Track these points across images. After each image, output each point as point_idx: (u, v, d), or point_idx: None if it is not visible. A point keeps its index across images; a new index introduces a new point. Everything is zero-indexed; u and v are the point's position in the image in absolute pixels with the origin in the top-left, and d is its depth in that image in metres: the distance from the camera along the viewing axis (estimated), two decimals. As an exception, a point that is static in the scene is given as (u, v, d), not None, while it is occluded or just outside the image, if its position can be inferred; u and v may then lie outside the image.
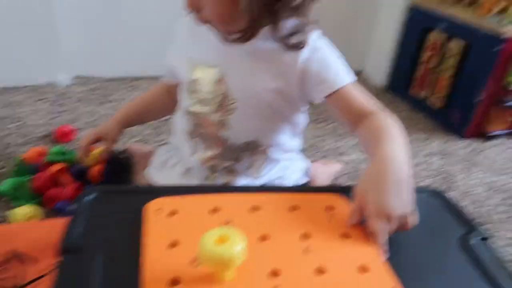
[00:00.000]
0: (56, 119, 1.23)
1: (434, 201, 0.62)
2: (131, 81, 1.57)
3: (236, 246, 0.38)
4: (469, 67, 1.42)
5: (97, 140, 0.88)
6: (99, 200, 0.52)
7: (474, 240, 0.52)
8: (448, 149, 1.36)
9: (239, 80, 0.70)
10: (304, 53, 0.66)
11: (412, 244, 0.52)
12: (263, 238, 0.48)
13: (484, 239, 0.53)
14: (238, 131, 0.74)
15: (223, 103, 0.72)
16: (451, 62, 1.47)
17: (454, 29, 1.46)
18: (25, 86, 1.41)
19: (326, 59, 0.68)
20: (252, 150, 0.76)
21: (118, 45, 1.53)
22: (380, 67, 1.84)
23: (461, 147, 1.39)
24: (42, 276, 0.62)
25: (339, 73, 0.69)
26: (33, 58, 1.40)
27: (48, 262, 0.62)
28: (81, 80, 1.51)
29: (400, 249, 0.50)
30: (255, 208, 0.52)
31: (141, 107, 0.93)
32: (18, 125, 1.18)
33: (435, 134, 1.46)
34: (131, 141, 1.15)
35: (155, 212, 0.50)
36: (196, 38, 0.73)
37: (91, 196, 0.52)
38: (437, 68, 1.54)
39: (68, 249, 0.43)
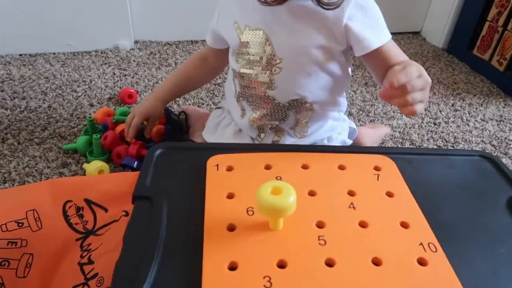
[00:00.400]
0: (119, 82, 1.33)
1: (485, 164, 0.63)
2: (188, 45, 1.63)
3: (289, 197, 0.42)
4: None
5: (145, 120, 0.96)
6: (165, 155, 0.58)
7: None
8: (505, 114, 1.31)
9: (284, 39, 0.73)
10: (349, 10, 0.69)
11: (458, 204, 0.54)
12: (311, 193, 0.52)
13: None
14: (284, 89, 0.77)
15: (270, 63, 0.75)
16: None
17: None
18: (92, 51, 1.51)
19: (369, 17, 0.71)
20: (298, 107, 0.79)
21: (174, 10, 1.58)
22: (440, 26, 1.75)
23: (522, 112, 1.32)
24: (111, 223, 0.68)
25: (379, 32, 0.72)
26: (99, 25, 1.49)
27: (116, 211, 0.68)
28: (141, 45, 1.59)
29: (446, 209, 0.53)
30: (304, 166, 0.57)
31: (179, 79, 0.99)
32: (87, 87, 1.29)
33: (494, 98, 1.40)
34: (187, 104, 1.22)
35: (214, 167, 0.55)
36: (240, 2, 0.77)
37: (158, 152, 0.58)
38: (505, 26, 1.44)
39: (139, 197, 0.50)
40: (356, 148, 0.70)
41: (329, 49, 0.73)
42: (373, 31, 0.71)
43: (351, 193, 0.52)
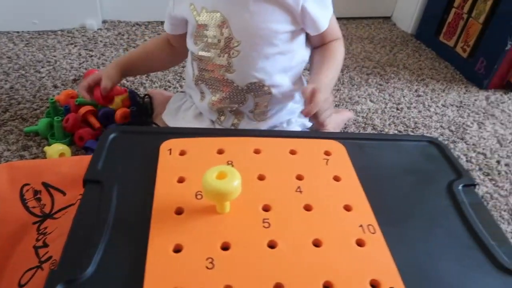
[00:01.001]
0: (85, 63, 1.30)
1: (432, 149, 0.65)
2: (158, 26, 1.60)
3: (233, 181, 0.44)
4: (502, 12, 1.36)
5: (98, 80, 0.93)
6: (118, 139, 0.59)
7: (459, 187, 0.57)
8: (465, 100, 1.35)
9: (242, 21, 0.74)
10: None
11: (402, 188, 0.56)
12: (261, 178, 0.53)
13: (469, 186, 0.58)
14: (242, 72, 0.78)
15: (228, 46, 0.76)
16: (485, 6, 1.41)
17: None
18: (57, 30, 1.47)
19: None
20: (256, 91, 0.80)
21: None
22: (410, 12, 1.77)
23: (480, 98, 1.37)
24: (68, 206, 0.69)
25: (328, 12, 0.78)
26: (65, 3, 1.44)
27: (74, 194, 0.69)
28: (109, 25, 1.55)
29: (390, 192, 0.55)
30: (256, 151, 0.58)
31: (141, 53, 0.98)
32: (51, 68, 1.26)
33: (456, 84, 1.45)
34: (153, 87, 1.21)
35: (167, 152, 0.56)
36: None
37: (112, 135, 0.58)
38: (470, 13, 1.48)
39: (90, 181, 0.51)
40: (310, 133, 0.71)
41: (287, 31, 0.74)
42: (324, 11, 0.75)
43: (299, 177, 0.54)
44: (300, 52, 0.81)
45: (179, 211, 0.47)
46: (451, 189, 0.56)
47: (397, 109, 1.26)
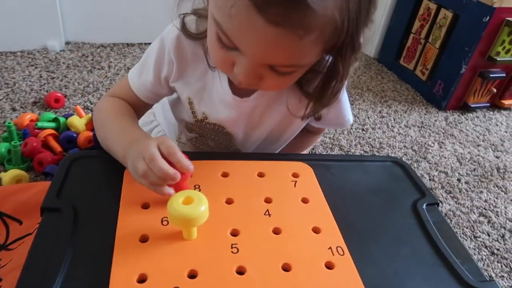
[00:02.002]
0: (46, 85, 1.26)
1: (396, 169, 0.67)
2: (123, 48, 1.58)
3: (200, 207, 0.43)
4: (456, 38, 1.44)
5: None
6: (80, 164, 0.56)
7: (423, 206, 0.58)
8: (426, 121, 1.41)
9: (248, 137, 0.69)
10: None
11: (368, 208, 0.57)
12: (229, 201, 0.52)
13: (432, 205, 0.59)
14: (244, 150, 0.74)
15: (227, 146, 0.72)
16: (440, 32, 1.49)
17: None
18: (18, 52, 1.42)
19: (336, 107, 0.66)
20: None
21: (109, 11, 1.54)
22: (371, 37, 1.84)
23: (440, 119, 1.43)
24: (24, 236, 0.66)
25: (336, 120, 0.70)
26: (26, 23, 1.40)
27: (32, 223, 0.65)
28: (73, 46, 1.52)
29: (357, 213, 0.55)
30: (224, 174, 0.57)
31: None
32: (9, 90, 1.21)
33: (416, 106, 1.50)
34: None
35: (131, 178, 0.54)
36: (208, 86, 0.63)
37: (72, 161, 0.56)
38: (427, 38, 1.56)
39: (48, 209, 0.48)
40: (277, 155, 0.71)
41: (294, 134, 0.72)
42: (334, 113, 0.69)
43: (268, 200, 0.54)
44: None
45: (143, 239, 0.45)
46: (415, 208, 0.57)
47: (363, 129, 1.29)
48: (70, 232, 0.45)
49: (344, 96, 0.67)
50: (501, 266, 0.88)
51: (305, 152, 0.92)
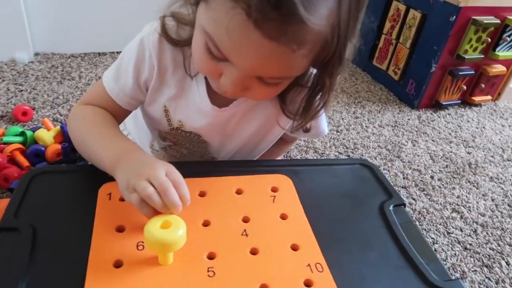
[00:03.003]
0: (14, 98, 1.23)
1: (364, 171, 0.67)
2: (94, 57, 1.56)
3: (177, 231, 0.42)
4: (425, 38, 1.46)
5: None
6: (44, 180, 0.54)
7: (390, 207, 0.58)
8: (400, 120, 1.43)
9: (224, 146, 0.69)
10: None
11: (339, 213, 0.57)
12: (206, 223, 0.51)
13: (399, 205, 0.60)
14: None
15: (202, 155, 0.71)
16: (410, 32, 1.51)
17: None
18: (-18, 65, 1.39)
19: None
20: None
21: (79, 21, 1.51)
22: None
23: (413, 118, 1.45)
24: None
25: (312, 130, 0.69)
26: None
27: None
28: (42, 58, 1.49)
29: (327, 218, 0.55)
30: (202, 194, 0.55)
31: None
32: (-25, 105, 1.18)
33: (390, 105, 1.52)
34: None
35: (107, 196, 0.51)
36: (185, 93, 0.62)
37: (34, 177, 0.53)
38: (398, 39, 1.58)
39: (5, 229, 0.46)
40: (252, 163, 0.70)
41: (272, 142, 0.73)
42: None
43: (245, 220, 0.52)
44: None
45: (118, 264, 0.43)
46: (382, 210, 0.57)
47: (337, 131, 1.30)
48: (27, 255, 0.43)
49: None
50: (474, 260, 0.89)
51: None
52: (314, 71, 0.55)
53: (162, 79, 0.60)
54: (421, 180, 1.12)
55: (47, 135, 0.96)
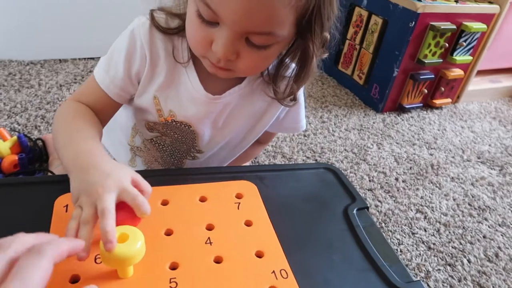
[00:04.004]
0: (-33, 107, 1.17)
1: (328, 175, 0.68)
2: (55, 64, 1.51)
3: (135, 244, 0.40)
4: (387, 43, 1.51)
5: None
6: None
7: (353, 211, 0.59)
8: (365, 123, 1.46)
9: (213, 137, 0.69)
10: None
11: (303, 218, 0.57)
12: (168, 232, 0.49)
13: (362, 209, 0.60)
14: (196, 163, 0.74)
15: (189, 150, 0.70)
16: (372, 38, 1.55)
17: (374, 5, 1.53)
18: None
19: (294, 110, 0.72)
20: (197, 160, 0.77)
21: (39, 26, 1.46)
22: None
23: (378, 121, 1.49)
24: None
25: (293, 124, 0.74)
26: None
27: None
28: (-2, 65, 1.43)
29: (292, 223, 0.55)
30: (164, 202, 0.54)
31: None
32: None
33: (355, 109, 1.55)
34: (50, 130, 1.12)
35: (63, 208, 0.49)
36: (175, 82, 0.62)
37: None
38: (361, 44, 1.62)
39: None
40: (214, 169, 0.69)
41: (252, 141, 0.73)
42: (290, 120, 0.74)
43: (209, 227, 0.51)
44: None
45: (74, 279, 0.41)
46: (346, 213, 0.58)
47: (304, 135, 1.31)
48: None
49: (302, 99, 0.70)
50: (438, 259, 0.91)
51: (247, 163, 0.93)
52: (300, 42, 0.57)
53: (154, 69, 0.60)
54: (386, 182, 1.15)
55: (3, 146, 0.92)
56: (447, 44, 1.48)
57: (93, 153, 0.50)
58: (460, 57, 1.55)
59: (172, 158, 0.72)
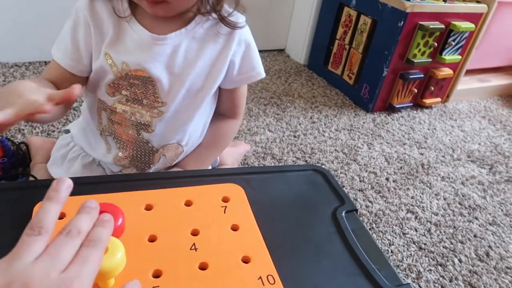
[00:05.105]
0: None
1: (317, 177, 0.66)
2: (40, 66, 1.48)
3: (114, 256, 0.38)
4: (376, 43, 1.50)
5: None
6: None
7: (342, 213, 0.58)
8: (355, 123, 1.45)
9: (171, 82, 0.69)
10: (234, 46, 0.70)
11: (291, 220, 0.55)
12: (151, 239, 0.47)
13: (351, 211, 0.59)
14: (161, 134, 0.73)
15: (151, 105, 0.70)
16: (361, 38, 1.54)
17: (363, 5, 1.53)
18: None
19: (247, 55, 0.74)
20: (170, 151, 0.76)
21: (23, 28, 1.43)
22: (300, 44, 1.89)
23: (368, 121, 1.48)
24: None
25: (250, 72, 0.75)
26: None
27: None
28: (-19, 67, 1.40)
29: (280, 226, 0.54)
30: (148, 207, 0.52)
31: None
32: None
33: (346, 109, 1.55)
34: (34, 133, 1.10)
35: None
36: (121, 36, 0.66)
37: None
38: (350, 44, 1.61)
39: None
40: (199, 172, 0.68)
41: (213, 85, 0.72)
42: (246, 69, 0.74)
43: (194, 233, 0.49)
44: (214, 106, 0.79)
45: None
46: (335, 216, 0.57)
47: (294, 136, 1.30)
48: None
49: (254, 44, 0.74)
50: (429, 260, 0.91)
51: (230, 145, 0.97)
52: None
53: (101, 31, 0.66)
54: (377, 183, 1.14)
55: (-16, 151, 0.90)
56: (436, 44, 1.48)
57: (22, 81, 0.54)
58: (449, 56, 1.55)
59: (141, 119, 0.72)
